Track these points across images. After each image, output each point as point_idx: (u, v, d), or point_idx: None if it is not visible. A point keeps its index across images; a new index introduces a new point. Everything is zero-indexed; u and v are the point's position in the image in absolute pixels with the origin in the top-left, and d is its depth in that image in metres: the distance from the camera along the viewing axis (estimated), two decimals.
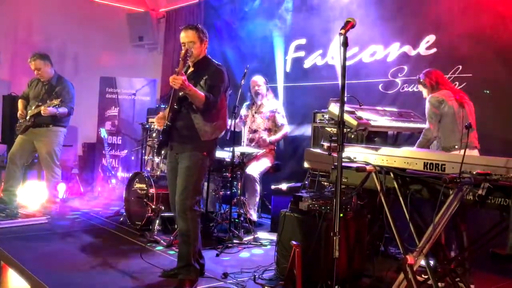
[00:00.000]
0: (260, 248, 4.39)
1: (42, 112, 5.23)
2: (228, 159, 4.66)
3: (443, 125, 3.68)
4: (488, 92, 3.86)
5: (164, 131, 3.38)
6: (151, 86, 7.24)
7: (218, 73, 3.40)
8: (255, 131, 5.38)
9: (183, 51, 3.30)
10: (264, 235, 4.79)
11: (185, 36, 3.37)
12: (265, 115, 5.35)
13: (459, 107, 3.67)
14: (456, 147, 3.58)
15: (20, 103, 5.57)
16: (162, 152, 4.27)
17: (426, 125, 3.78)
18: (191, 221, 3.28)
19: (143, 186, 4.82)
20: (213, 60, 3.51)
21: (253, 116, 5.43)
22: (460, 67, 4.35)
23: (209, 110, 3.33)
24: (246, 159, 4.97)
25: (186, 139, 3.34)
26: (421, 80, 3.90)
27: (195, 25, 3.46)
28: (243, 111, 5.52)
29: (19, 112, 5.49)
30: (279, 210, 3.79)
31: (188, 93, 3.21)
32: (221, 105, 3.46)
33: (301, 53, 5.97)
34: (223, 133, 3.58)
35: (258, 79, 5.43)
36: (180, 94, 3.28)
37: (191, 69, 3.48)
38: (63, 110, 5.38)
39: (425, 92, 3.92)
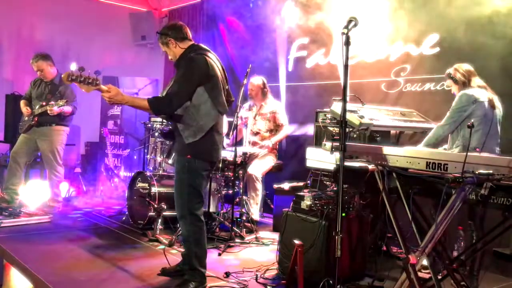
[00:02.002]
0: (262, 248, 4.39)
1: (49, 112, 5.25)
2: (230, 159, 4.66)
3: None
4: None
5: (165, 135, 3.35)
6: (153, 86, 7.25)
7: (185, 64, 3.14)
8: (256, 134, 5.37)
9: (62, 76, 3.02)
10: (266, 235, 4.79)
11: None
12: (266, 116, 5.34)
13: (490, 109, 3.48)
14: (477, 149, 3.32)
15: (22, 103, 5.59)
16: None
17: (441, 122, 3.56)
18: (190, 225, 3.21)
19: (146, 185, 4.82)
20: (192, 50, 3.23)
21: (254, 118, 5.41)
22: None
23: (172, 112, 3.11)
24: (248, 158, 4.97)
25: (176, 143, 3.30)
26: (452, 75, 3.64)
27: (158, 32, 3.33)
28: (243, 113, 5.47)
29: (25, 110, 5.49)
30: (281, 210, 3.79)
31: (126, 105, 3.09)
32: (198, 100, 3.12)
33: (304, 53, 5.97)
34: (208, 128, 3.18)
35: (253, 82, 5.37)
36: None
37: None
38: (67, 109, 5.40)
39: (455, 88, 3.67)
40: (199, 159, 3.19)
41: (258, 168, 5.02)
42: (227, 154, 4.76)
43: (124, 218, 5.23)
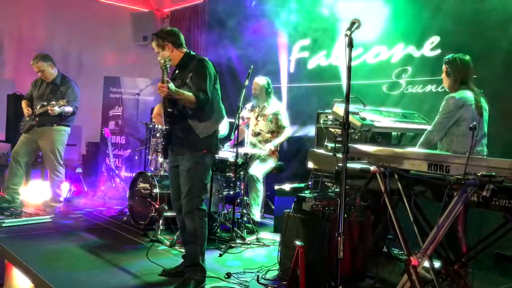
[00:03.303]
0: (263, 248, 4.39)
1: (49, 111, 5.26)
2: (231, 159, 4.66)
3: (457, 129, 3.41)
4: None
5: (164, 135, 3.40)
6: (155, 86, 7.23)
7: (201, 66, 3.34)
8: (258, 134, 5.36)
9: (160, 61, 3.22)
10: (267, 236, 4.79)
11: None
12: (268, 117, 5.34)
13: (478, 114, 3.43)
14: (467, 153, 3.35)
15: (23, 103, 5.60)
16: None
17: (430, 127, 3.54)
18: (198, 220, 3.29)
19: (147, 185, 4.83)
20: (196, 55, 3.47)
21: (256, 119, 5.42)
22: None
23: (202, 108, 3.28)
24: (250, 159, 4.97)
25: (184, 141, 3.33)
26: (451, 66, 3.48)
27: (155, 34, 3.42)
28: (245, 113, 5.46)
29: (26, 110, 5.50)
30: (282, 211, 3.79)
31: (177, 98, 3.21)
32: (212, 97, 3.36)
33: (305, 54, 5.97)
34: (220, 124, 3.51)
35: (258, 81, 5.37)
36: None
37: (177, 72, 3.49)
38: (68, 109, 5.41)
39: (446, 81, 3.55)
40: (211, 153, 3.39)
41: (259, 169, 5.03)
42: (228, 154, 4.76)
43: (125, 218, 5.23)
